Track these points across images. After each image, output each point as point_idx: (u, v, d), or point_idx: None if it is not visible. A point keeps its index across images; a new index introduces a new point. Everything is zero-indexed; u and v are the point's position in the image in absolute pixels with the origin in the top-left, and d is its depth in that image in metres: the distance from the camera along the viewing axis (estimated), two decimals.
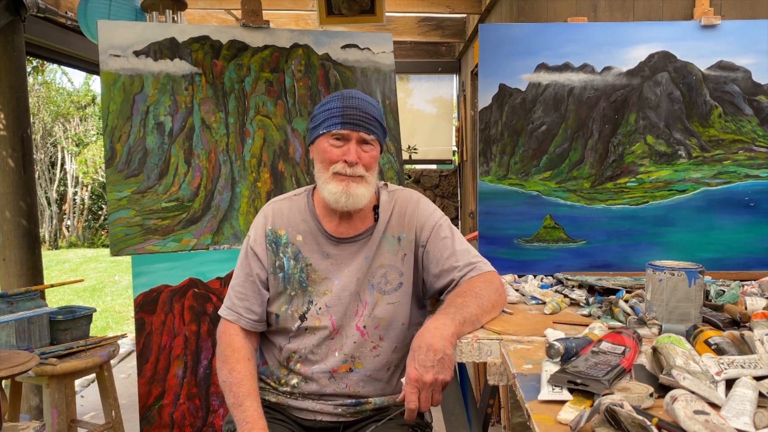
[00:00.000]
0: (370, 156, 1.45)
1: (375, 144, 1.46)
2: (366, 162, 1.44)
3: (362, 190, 1.43)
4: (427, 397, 1.20)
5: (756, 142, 1.97)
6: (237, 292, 1.51)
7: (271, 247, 1.51)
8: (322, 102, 1.49)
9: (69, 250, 11.21)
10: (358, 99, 1.45)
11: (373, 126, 1.44)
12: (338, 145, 1.43)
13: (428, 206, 1.55)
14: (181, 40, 2.30)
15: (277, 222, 1.52)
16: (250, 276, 1.50)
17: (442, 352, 1.21)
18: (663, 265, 1.36)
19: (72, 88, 13.18)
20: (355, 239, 1.50)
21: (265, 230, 1.52)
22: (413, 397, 1.19)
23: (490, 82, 2.03)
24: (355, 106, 1.43)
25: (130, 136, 2.23)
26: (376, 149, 1.48)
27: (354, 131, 1.42)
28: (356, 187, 1.42)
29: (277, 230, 1.51)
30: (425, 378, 1.19)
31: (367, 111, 1.44)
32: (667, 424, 0.79)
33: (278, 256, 1.50)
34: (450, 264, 1.47)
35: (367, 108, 1.44)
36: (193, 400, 2.26)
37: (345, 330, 1.48)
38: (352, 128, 1.42)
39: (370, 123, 1.43)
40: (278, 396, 1.51)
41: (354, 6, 2.80)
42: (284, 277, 1.49)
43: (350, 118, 1.41)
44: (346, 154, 1.41)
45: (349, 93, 1.46)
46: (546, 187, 2.03)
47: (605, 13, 2.27)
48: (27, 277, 3.04)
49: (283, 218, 1.52)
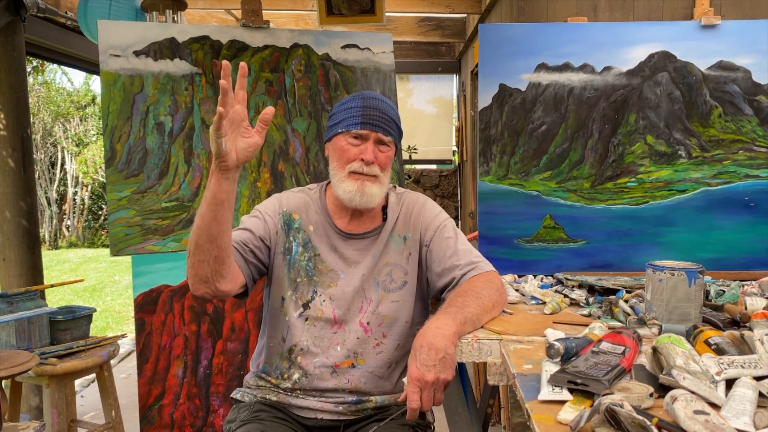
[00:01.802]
0: (386, 156, 1.49)
1: (391, 145, 1.50)
2: (382, 162, 1.47)
3: (376, 190, 1.46)
4: (429, 396, 1.20)
5: (756, 142, 1.97)
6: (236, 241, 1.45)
7: (284, 228, 1.53)
8: (342, 101, 1.52)
9: (69, 250, 11.21)
10: (378, 100, 1.48)
11: (390, 127, 1.48)
12: (356, 144, 1.46)
13: (434, 208, 1.59)
14: (181, 40, 2.30)
15: (293, 206, 1.55)
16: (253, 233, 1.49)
17: (443, 351, 1.21)
18: (663, 265, 1.36)
19: (72, 88, 13.18)
20: (363, 236, 1.53)
21: (280, 209, 1.54)
22: (415, 397, 1.19)
23: (490, 82, 2.03)
24: (374, 107, 1.46)
25: (130, 136, 2.23)
26: (392, 150, 1.51)
27: (372, 131, 1.45)
28: (371, 186, 1.45)
29: (292, 213, 1.54)
30: (427, 377, 1.19)
31: (386, 112, 1.47)
32: (667, 424, 0.79)
33: (288, 238, 1.52)
34: (451, 263, 1.48)
35: (386, 109, 1.48)
36: (193, 400, 2.26)
37: (348, 325, 1.49)
38: (370, 128, 1.45)
39: (388, 124, 1.47)
40: (279, 395, 1.51)
41: (354, 6, 2.80)
42: (290, 261, 1.51)
43: (369, 119, 1.45)
44: (363, 153, 1.45)
45: (370, 94, 1.50)
46: (546, 187, 2.03)
47: (605, 13, 2.27)
48: (27, 277, 3.04)
49: (299, 205, 1.55)
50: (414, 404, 1.19)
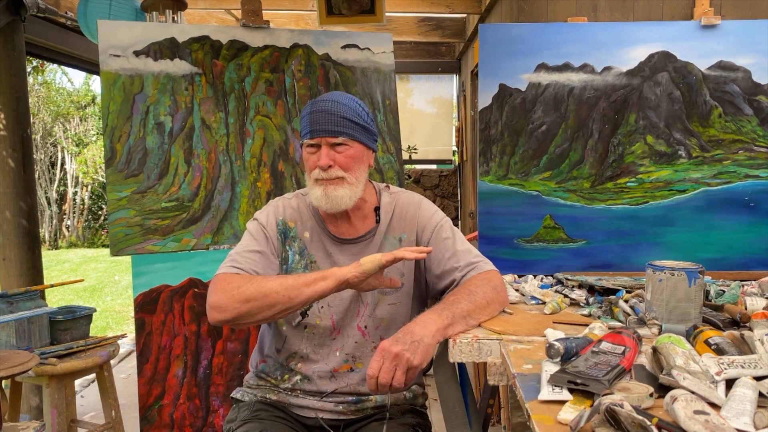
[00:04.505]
0: (346, 156, 1.44)
1: (349, 143, 1.45)
2: (342, 163, 1.44)
3: (342, 192, 1.44)
4: (388, 368, 1.20)
5: (756, 142, 1.97)
6: (245, 258, 1.45)
7: (280, 238, 1.53)
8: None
9: (69, 250, 11.21)
10: (328, 101, 1.44)
11: (339, 126, 1.43)
12: (313, 151, 1.46)
13: (429, 208, 1.57)
14: (181, 40, 2.29)
15: (288, 214, 1.54)
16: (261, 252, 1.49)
17: (419, 337, 1.24)
18: (663, 265, 1.36)
19: (72, 88, 13.19)
20: (357, 241, 1.52)
21: (276, 219, 1.54)
22: (375, 365, 1.21)
23: (490, 82, 2.03)
24: (321, 110, 1.43)
25: (130, 136, 2.22)
26: (354, 148, 1.46)
27: (321, 137, 1.43)
28: (335, 189, 1.43)
29: (288, 222, 1.54)
30: (392, 348, 1.21)
31: (335, 112, 1.43)
32: (667, 424, 0.79)
33: (284, 247, 1.52)
34: (451, 265, 1.48)
35: (335, 109, 1.43)
36: (193, 400, 2.26)
37: (346, 330, 1.49)
38: (319, 135, 1.43)
39: (336, 124, 1.43)
40: (279, 394, 1.51)
41: (354, 6, 2.80)
42: (287, 270, 1.51)
43: (316, 125, 1.43)
44: (319, 160, 1.43)
45: (321, 97, 1.47)
46: (546, 187, 2.03)
47: (605, 13, 2.27)
48: (27, 277, 3.04)
49: (294, 213, 1.55)
50: (371, 371, 1.21)
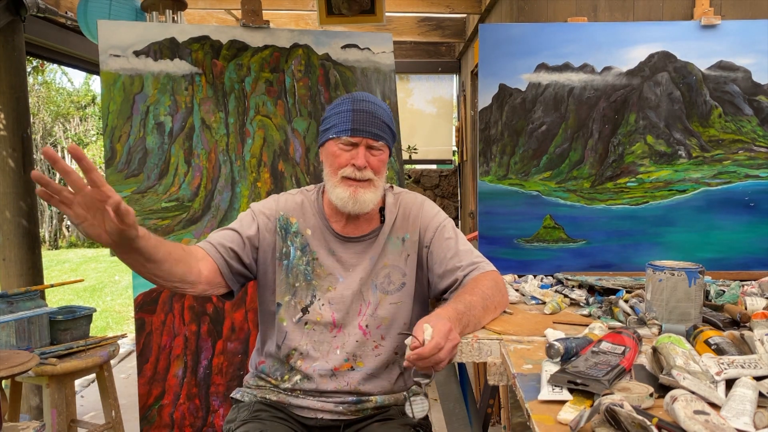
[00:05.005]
0: (379, 160, 1.46)
1: (384, 148, 1.48)
2: (374, 166, 1.45)
3: (370, 195, 1.44)
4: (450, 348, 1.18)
5: (756, 142, 1.97)
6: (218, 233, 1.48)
7: (280, 233, 1.52)
8: (333, 104, 1.50)
9: (69, 250, 11.21)
10: (369, 103, 1.45)
11: (381, 131, 1.45)
12: (347, 149, 1.44)
13: (432, 208, 1.58)
14: (181, 40, 2.29)
15: (290, 210, 1.54)
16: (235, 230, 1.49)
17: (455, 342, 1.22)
18: (663, 265, 1.36)
19: (72, 88, 13.19)
20: (361, 239, 1.52)
21: (278, 213, 1.53)
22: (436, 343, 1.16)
23: (490, 82, 2.03)
24: (364, 110, 1.43)
25: (130, 136, 2.22)
26: (385, 153, 1.49)
27: (363, 137, 1.43)
28: (363, 192, 1.43)
29: (289, 217, 1.53)
30: (445, 349, 1.18)
31: (377, 115, 1.45)
32: (667, 424, 0.79)
33: (285, 243, 1.51)
34: (453, 264, 1.48)
35: (377, 112, 1.45)
36: (193, 400, 2.26)
37: (347, 328, 1.49)
38: (361, 135, 1.43)
39: (379, 128, 1.45)
40: (279, 394, 1.51)
41: (354, 6, 2.80)
42: (288, 266, 1.50)
43: (360, 124, 1.42)
44: (355, 159, 1.43)
45: (360, 96, 1.47)
46: (546, 187, 2.03)
47: (605, 13, 2.27)
48: (27, 277, 3.04)
49: (297, 208, 1.54)
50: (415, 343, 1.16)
